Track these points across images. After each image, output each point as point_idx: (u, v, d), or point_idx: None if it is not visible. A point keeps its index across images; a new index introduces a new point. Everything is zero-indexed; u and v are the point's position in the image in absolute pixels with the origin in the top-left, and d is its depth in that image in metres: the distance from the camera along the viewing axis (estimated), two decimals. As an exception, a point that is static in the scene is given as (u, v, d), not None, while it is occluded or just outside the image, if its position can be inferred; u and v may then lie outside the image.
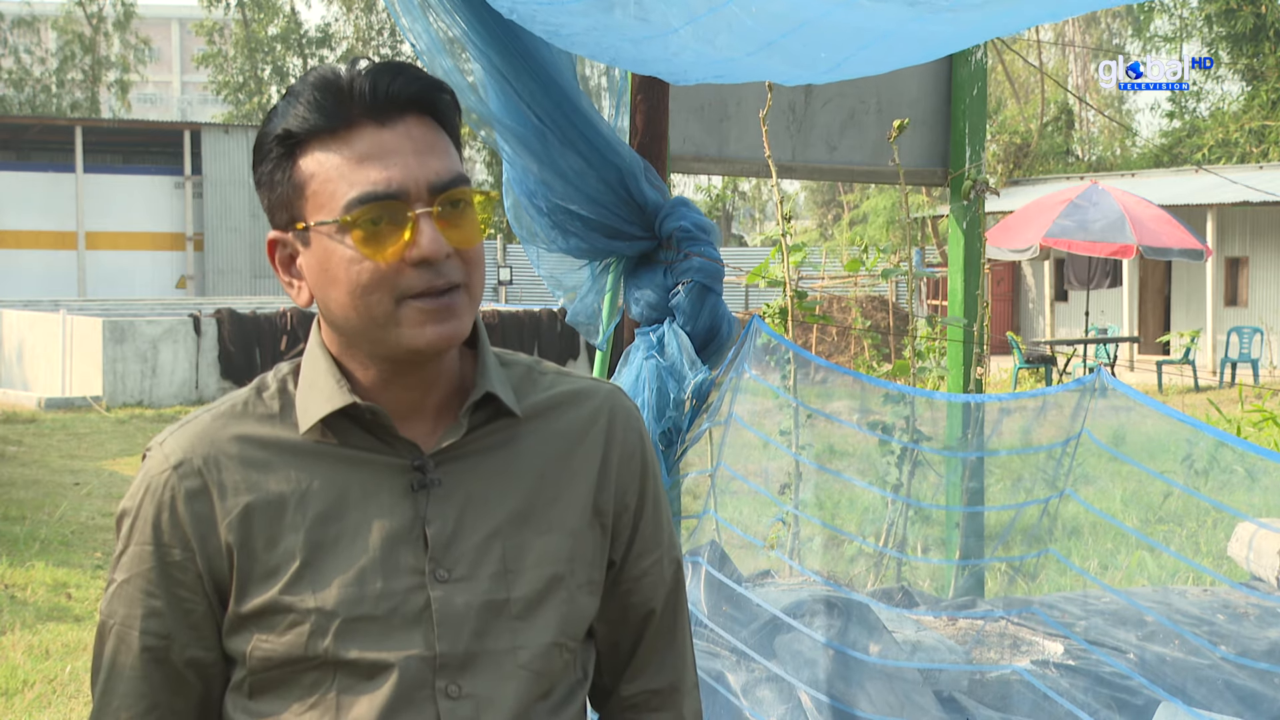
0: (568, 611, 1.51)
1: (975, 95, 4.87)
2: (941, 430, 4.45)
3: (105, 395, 16.42)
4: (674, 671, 1.65)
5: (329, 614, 1.44)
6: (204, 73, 47.54)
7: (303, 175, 1.44)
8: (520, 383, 1.56)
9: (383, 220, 1.41)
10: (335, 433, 1.48)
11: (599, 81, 3.46)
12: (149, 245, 29.64)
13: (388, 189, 1.41)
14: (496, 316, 18.49)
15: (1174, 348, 21.78)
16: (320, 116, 1.43)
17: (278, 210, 1.48)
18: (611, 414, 1.58)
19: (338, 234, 1.42)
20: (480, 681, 1.46)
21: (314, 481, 1.47)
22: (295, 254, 1.48)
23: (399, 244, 1.41)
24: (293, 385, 1.52)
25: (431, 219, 1.42)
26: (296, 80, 1.47)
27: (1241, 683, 3.42)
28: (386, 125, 1.43)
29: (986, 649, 3.75)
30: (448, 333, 1.44)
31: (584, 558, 1.53)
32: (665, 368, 3.26)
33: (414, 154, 1.43)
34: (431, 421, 1.51)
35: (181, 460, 1.47)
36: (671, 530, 1.65)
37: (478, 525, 1.49)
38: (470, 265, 1.46)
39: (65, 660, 6.07)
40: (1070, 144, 35.77)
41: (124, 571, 1.49)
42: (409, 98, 1.44)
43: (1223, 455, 6.46)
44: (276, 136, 1.45)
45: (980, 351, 4.87)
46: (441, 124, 1.47)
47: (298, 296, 1.49)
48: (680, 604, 1.66)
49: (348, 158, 1.42)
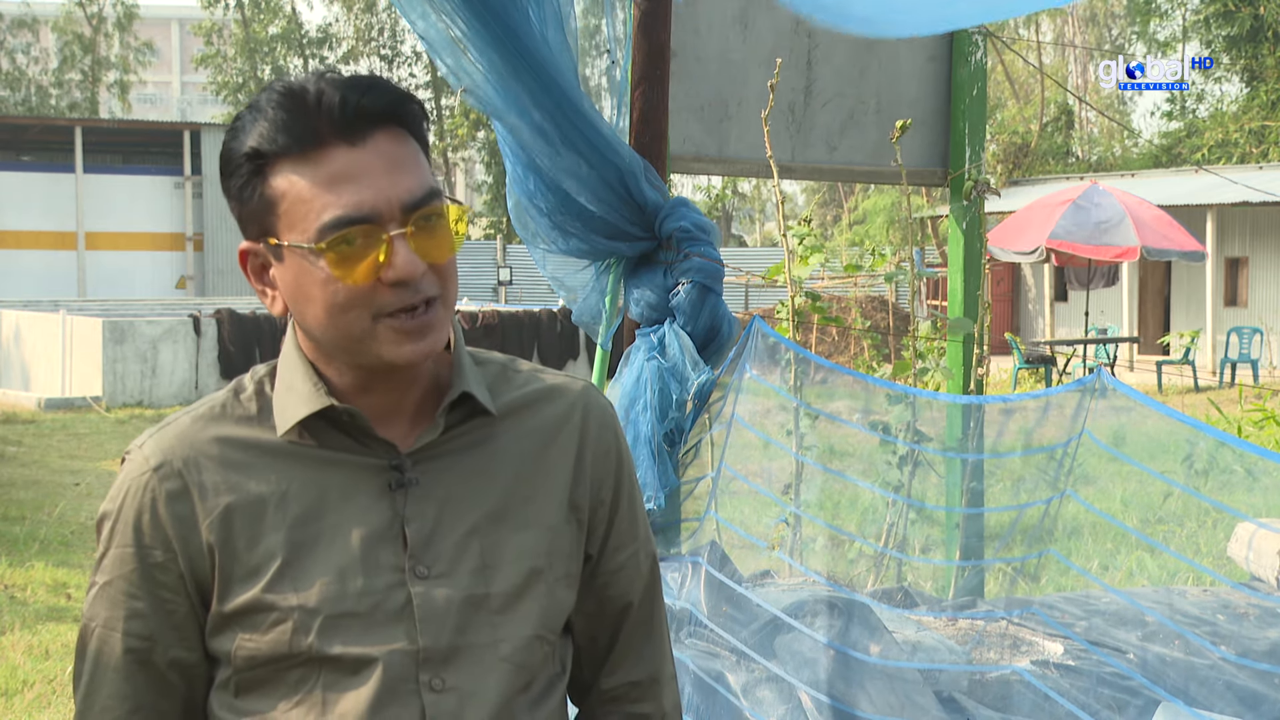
0: (547, 605, 1.53)
1: (975, 95, 4.87)
2: (942, 431, 4.45)
3: (105, 395, 16.42)
4: (652, 663, 1.67)
5: (311, 611, 1.44)
6: (204, 73, 47.54)
7: (274, 193, 1.43)
8: (495, 381, 1.57)
9: (357, 241, 1.40)
10: (313, 434, 1.49)
11: (599, 81, 3.46)
12: (149, 245, 29.64)
13: (359, 212, 1.40)
14: (496, 317, 18.48)
15: (1174, 348, 21.78)
16: (288, 138, 1.41)
17: (249, 223, 1.47)
18: (586, 410, 1.60)
19: (311, 256, 1.42)
20: (463, 675, 1.47)
21: (293, 483, 1.48)
22: (268, 264, 1.47)
23: (373, 265, 1.41)
24: (269, 387, 1.52)
25: (405, 239, 1.41)
26: (261, 91, 1.45)
27: (1242, 683, 3.42)
28: (357, 144, 1.41)
29: (987, 649, 3.75)
30: (425, 348, 1.45)
31: (561, 552, 1.55)
32: (667, 368, 3.26)
33: (385, 173, 1.42)
34: (408, 422, 1.52)
35: (162, 462, 1.48)
36: (646, 524, 1.67)
37: (456, 523, 1.50)
38: (445, 277, 1.46)
39: (65, 660, 6.07)
40: (1070, 144, 35.78)
41: (106, 574, 1.49)
42: (378, 112, 1.42)
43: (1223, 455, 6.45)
44: (245, 154, 1.43)
45: (981, 352, 4.87)
46: (411, 134, 1.46)
47: (272, 306, 1.48)
48: (657, 596, 1.68)
49: (319, 179, 1.41)
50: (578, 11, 3.17)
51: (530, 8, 2.98)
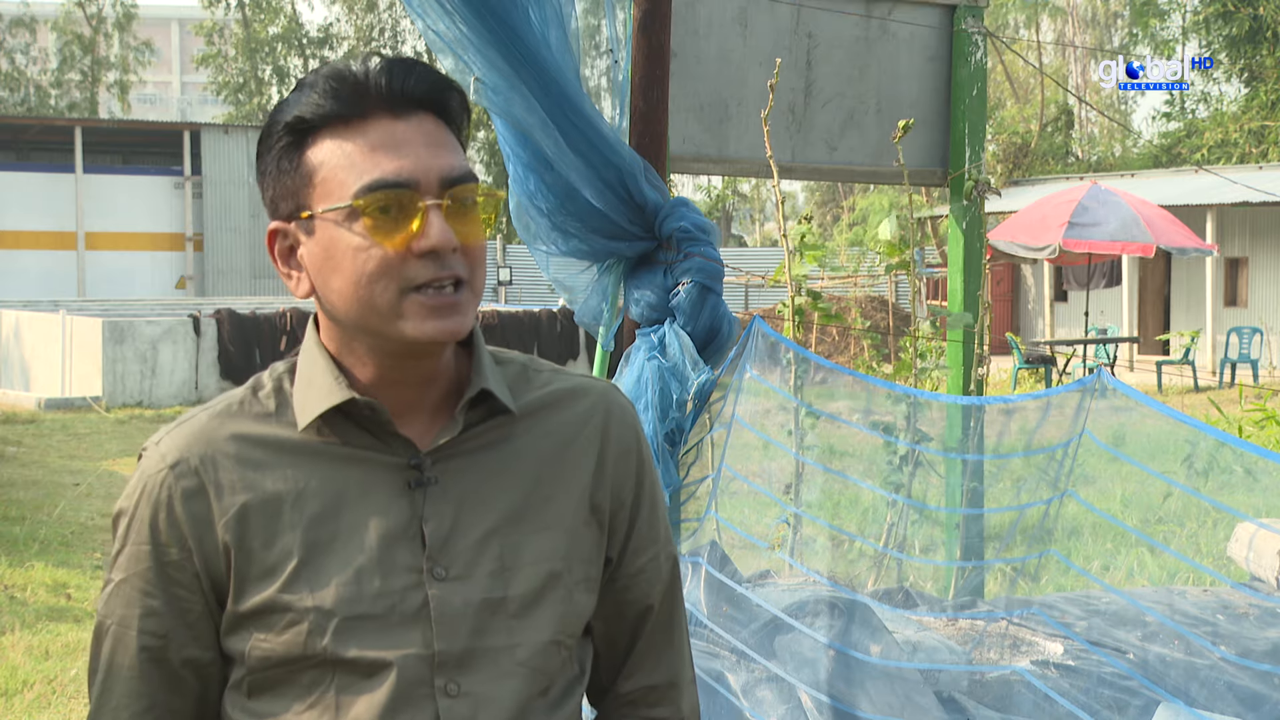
0: (565, 609, 1.51)
1: (975, 96, 4.87)
2: (942, 431, 4.45)
3: (105, 395, 16.42)
4: (672, 667, 1.65)
5: (327, 613, 1.43)
6: (204, 73, 47.55)
7: (311, 164, 1.44)
8: (515, 381, 1.56)
9: (392, 208, 1.41)
10: (332, 430, 1.48)
11: (599, 82, 3.46)
12: (149, 245, 29.62)
13: (398, 177, 1.42)
14: (496, 317, 18.48)
15: (1174, 348, 21.79)
16: (336, 104, 1.43)
17: (282, 200, 1.48)
18: (607, 411, 1.59)
19: (346, 220, 1.42)
20: (479, 679, 1.46)
21: (311, 480, 1.47)
22: (296, 245, 1.48)
23: (407, 233, 1.42)
24: (289, 384, 1.52)
25: (440, 211, 1.42)
26: (308, 74, 1.48)
27: (1242, 683, 3.42)
28: (400, 118, 1.44)
29: (987, 649, 3.75)
30: (450, 328, 1.44)
31: (581, 555, 1.54)
32: (668, 369, 3.26)
33: (426, 146, 1.44)
34: (428, 420, 1.51)
35: (178, 460, 1.47)
36: (667, 526, 1.66)
37: (475, 523, 1.49)
38: (473, 262, 1.46)
39: (65, 660, 6.07)
40: (1070, 144, 35.78)
41: (121, 571, 1.49)
42: (422, 94, 1.45)
43: (1223, 455, 6.46)
44: (287, 124, 1.45)
45: (981, 352, 4.87)
46: (450, 124, 1.48)
47: (296, 288, 1.49)
48: (677, 600, 1.66)
49: (360, 146, 1.43)
50: (578, 12, 3.17)
51: (531, 8, 2.98)
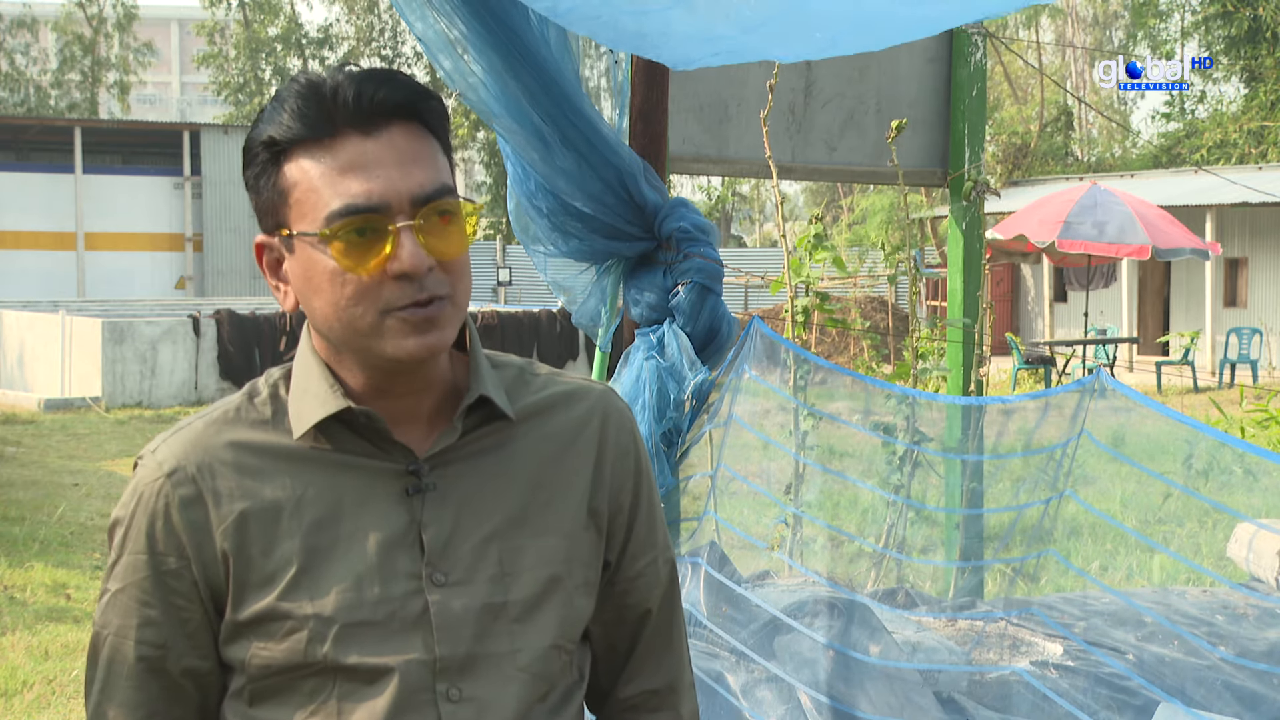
0: (566, 613, 1.51)
1: (975, 96, 4.87)
2: (942, 431, 4.45)
3: (104, 396, 16.41)
4: (671, 671, 1.65)
5: (327, 620, 1.43)
6: (204, 73, 47.55)
7: (287, 182, 1.43)
8: (513, 385, 1.55)
9: (367, 231, 1.39)
10: (329, 438, 1.47)
11: (599, 82, 3.46)
12: (148, 246, 29.63)
13: (368, 201, 1.40)
14: (496, 317, 18.47)
15: (1173, 348, 21.78)
16: (303, 126, 1.41)
17: (265, 215, 1.47)
18: (605, 415, 1.58)
19: (320, 245, 1.41)
20: (480, 684, 1.45)
21: (309, 488, 1.46)
22: (281, 258, 1.47)
23: (380, 257, 1.40)
24: (284, 391, 1.51)
25: (413, 232, 1.40)
26: (283, 85, 1.46)
27: (1241, 683, 3.42)
28: (371, 135, 1.41)
29: (986, 650, 3.75)
30: (430, 344, 1.42)
31: (580, 559, 1.53)
32: (665, 368, 3.26)
33: (397, 165, 1.41)
34: (425, 426, 1.50)
35: (175, 468, 1.46)
36: (665, 531, 1.65)
37: (474, 528, 1.48)
38: (455, 276, 1.44)
39: (65, 661, 6.07)
40: (1069, 145, 35.78)
41: (118, 581, 1.48)
42: (394, 106, 1.42)
43: (1222, 456, 6.46)
44: (262, 143, 1.44)
45: (981, 353, 4.87)
46: (430, 131, 1.45)
47: (284, 301, 1.48)
48: (675, 604, 1.65)
49: (331, 167, 1.41)
50: (577, 12, 3.16)
51: (530, 8, 2.98)
